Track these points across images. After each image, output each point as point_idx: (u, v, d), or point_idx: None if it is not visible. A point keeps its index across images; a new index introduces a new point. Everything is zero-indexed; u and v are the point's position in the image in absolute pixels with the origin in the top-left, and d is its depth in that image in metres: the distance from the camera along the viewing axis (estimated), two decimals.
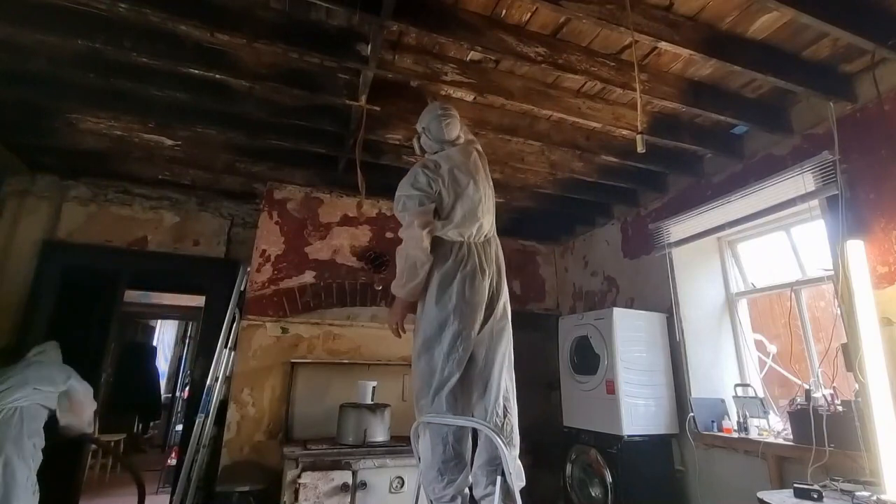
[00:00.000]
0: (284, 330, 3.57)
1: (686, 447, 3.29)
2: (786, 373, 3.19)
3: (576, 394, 3.67)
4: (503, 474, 1.66)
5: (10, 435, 2.49)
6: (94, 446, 5.04)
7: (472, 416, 1.91)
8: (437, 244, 2.03)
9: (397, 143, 3.20)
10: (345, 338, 3.69)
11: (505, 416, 1.89)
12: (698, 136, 3.08)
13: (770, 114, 2.85)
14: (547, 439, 4.33)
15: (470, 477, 1.91)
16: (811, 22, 2.04)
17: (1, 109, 2.96)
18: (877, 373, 2.20)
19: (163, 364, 8.64)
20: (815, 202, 2.69)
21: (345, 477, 2.82)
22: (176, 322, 9.00)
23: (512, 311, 2.17)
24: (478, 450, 1.92)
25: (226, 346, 3.57)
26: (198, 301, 5.59)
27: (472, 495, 1.93)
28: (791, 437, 2.67)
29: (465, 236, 2.04)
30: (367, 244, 3.94)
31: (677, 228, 3.61)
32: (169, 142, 3.32)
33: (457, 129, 2.24)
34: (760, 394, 3.18)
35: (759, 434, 2.92)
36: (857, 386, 2.33)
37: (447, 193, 2.04)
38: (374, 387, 3.22)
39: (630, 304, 3.95)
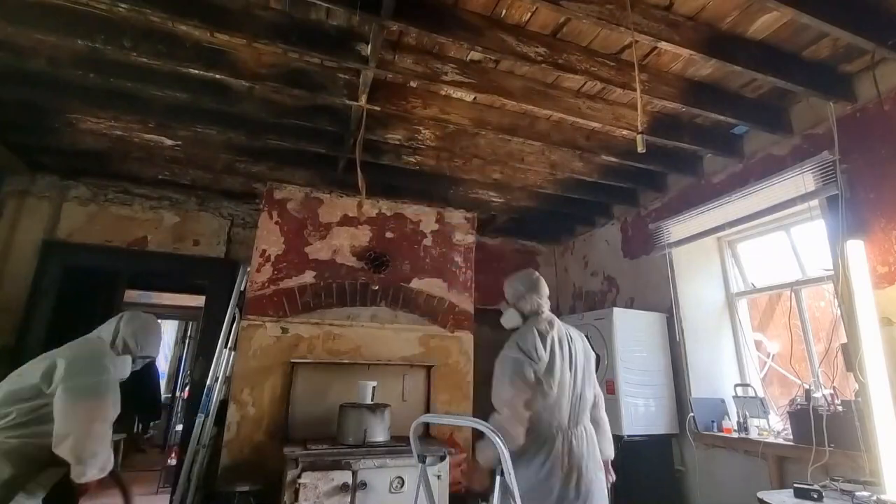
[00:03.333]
0: (284, 330, 3.56)
1: (686, 447, 3.29)
2: (786, 373, 3.19)
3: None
4: (502, 473, 1.65)
5: None
6: None
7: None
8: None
9: (397, 143, 3.20)
10: (345, 338, 3.69)
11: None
12: (698, 136, 3.08)
13: (770, 114, 2.85)
14: None
15: None
16: (811, 22, 2.04)
17: (1, 109, 2.95)
18: (877, 373, 2.20)
19: (163, 364, 8.62)
20: (815, 202, 2.69)
21: (345, 477, 2.82)
22: (176, 322, 8.98)
23: None
24: None
25: (226, 346, 3.57)
26: (198, 301, 5.58)
27: None
28: (791, 437, 2.67)
29: None
30: (368, 244, 3.93)
31: (677, 228, 3.61)
32: (169, 142, 3.32)
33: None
34: (760, 394, 3.18)
35: (759, 434, 2.92)
36: (857, 386, 2.33)
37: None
38: (374, 387, 3.22)
39: (630, 305, 3.95)
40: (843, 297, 2.40)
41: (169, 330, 9.26)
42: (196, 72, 2.45)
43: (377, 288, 3.85)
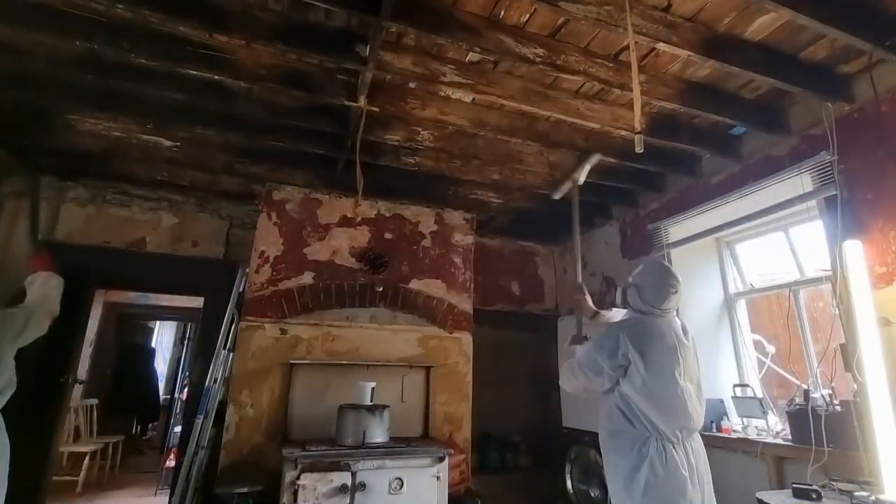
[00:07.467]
0: (283, 331, 3.56)
1: None
2: (784, 373, 3.19)
3: (575, 394, 3.67)
4: None
5: None
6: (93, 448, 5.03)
7: None
8: None
9: (396, 143, 3.20)
10: (344, 339, 3.69)
11: None
12: (697, 137, 3.08)
13: (768, 114, 2.86)
14: (546, 440, 4.34)
15: None
16: (809, 23, 2.04)
17: None
18: (875, 373, 2.20)
19: (161, 365, 8.62)
20: (813, 203, 2.70)
21: (344, 478, 2.82)
22: (174, 323, 8.98)
23: (511, 311, 2.17)
24: None
25: (224, 348, 3.56)
26: (196, 302, 5.58)
27: None
28: (790, 437, 2.67)
29: None
30: (366, 245, 3.93)
31: (676, 229, 3.62)
32: (167, 143, 3.32)
33: None
34: (759, 394, 3.18)
35: (757, 434, 2.92)
36: (855, 386, 2.33)
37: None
38: (373, 388, 3.22)
39: None
40: (842, 298, 2.40)
41: (168, 331, 9.27)
42: (195, 73, 2.46)
43: (380, 289, 3.85)
